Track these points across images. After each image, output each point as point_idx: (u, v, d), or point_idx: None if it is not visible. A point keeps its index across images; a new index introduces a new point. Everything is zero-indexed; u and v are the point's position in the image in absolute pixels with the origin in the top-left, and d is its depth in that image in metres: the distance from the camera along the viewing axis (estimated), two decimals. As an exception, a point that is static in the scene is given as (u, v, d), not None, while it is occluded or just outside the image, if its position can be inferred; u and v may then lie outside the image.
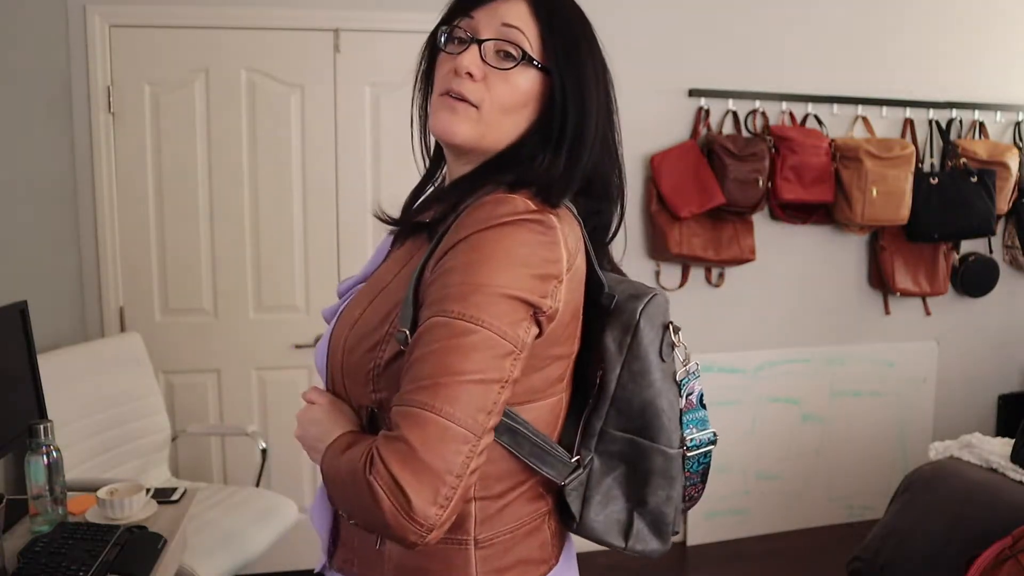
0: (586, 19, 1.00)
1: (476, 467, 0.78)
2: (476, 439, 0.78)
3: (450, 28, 0.97)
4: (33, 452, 1.62)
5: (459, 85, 0.93)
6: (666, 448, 0.96)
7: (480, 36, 0.92)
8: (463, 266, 0.81)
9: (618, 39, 2.94)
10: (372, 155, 2.79)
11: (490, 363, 0.79)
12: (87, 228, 2.64)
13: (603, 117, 0.96)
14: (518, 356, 0.82)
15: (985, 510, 2.19)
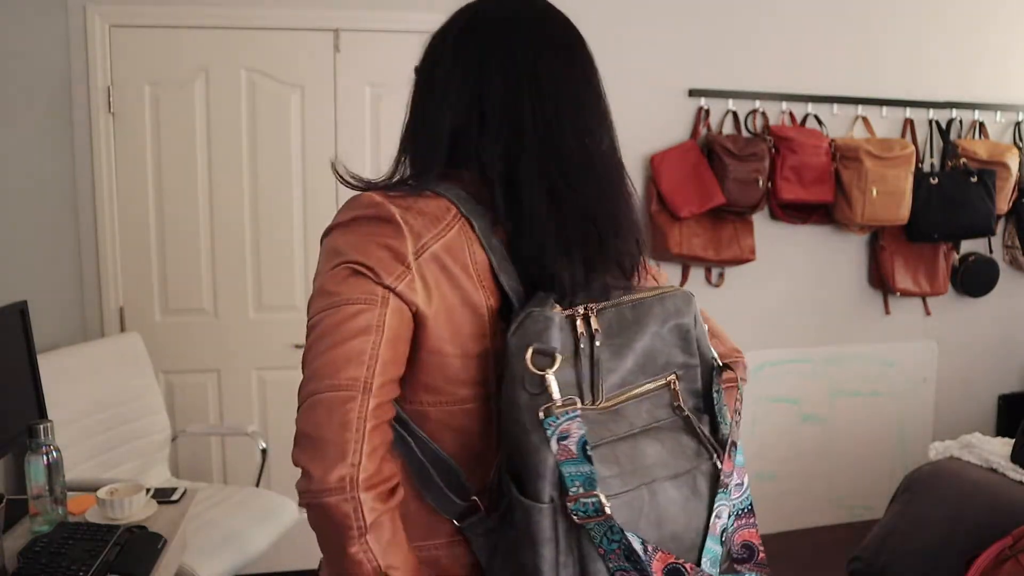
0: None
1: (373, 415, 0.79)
2: (358, 394, 0.78)
3: None
4: (33, 452, 1.62)
5: None
6: (524, 499, 0.77)
7: None
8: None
9: (618, 39, 2.96)
10: (372, 155, 2.79)
11: (338, 330, 0.81)
12: (87, 228, 2.64)
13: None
14: (366, 307, 0.82)
15: (985, 510, 2.19)
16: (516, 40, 0.91)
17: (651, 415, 0.86)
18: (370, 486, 0.78)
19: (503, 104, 0.88)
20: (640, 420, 0.85)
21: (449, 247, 0.85)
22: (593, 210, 0.88)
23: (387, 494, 0.81)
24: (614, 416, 0.83)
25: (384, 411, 0.81)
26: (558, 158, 0.87)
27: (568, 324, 0.82)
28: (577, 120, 0.91)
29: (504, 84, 0.88)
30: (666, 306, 0.91)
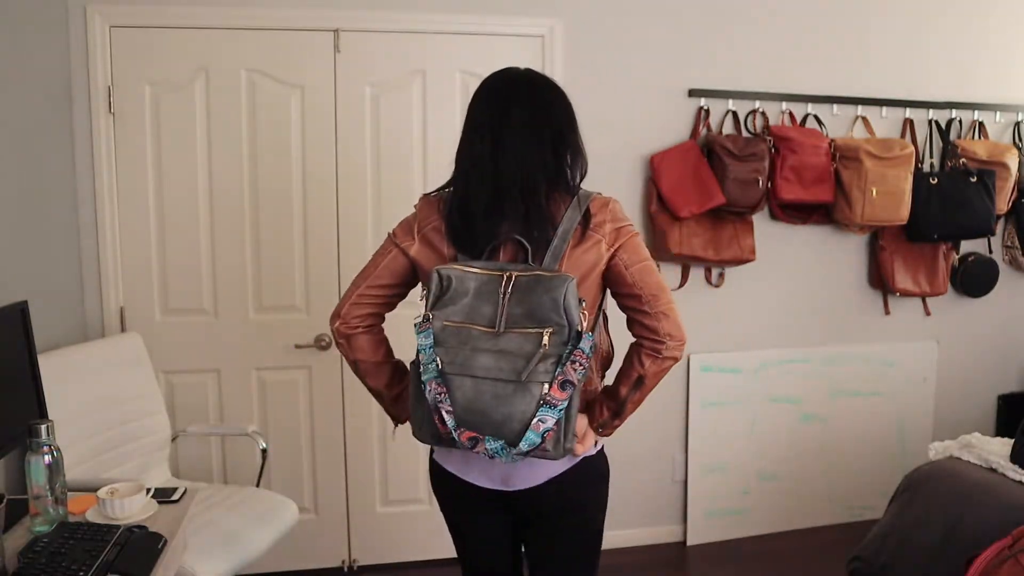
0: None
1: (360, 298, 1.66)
2: (355, 288, 1.65)
3: None
4: (33, 452, 1.62)
5: None
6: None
7: None
8: None
9: (618, 39, 2.96)
10: (372, 155, 2.79)
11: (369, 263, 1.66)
12: (87, 228, 2.64)
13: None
14: (380, 256, 1.65)
15: (985, 510, 2.19)
16: (486, 102, 1.56)
17: (520, 346, 1.37)
18: (342, 328, 1.64)
19: (464, 144, 1.57)
20: (510, 345, 1.38)
21: (435, 226, 1.54)
22: (509, 206, 1.47)
23: (348, 333, 1.65)
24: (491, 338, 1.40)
25: (373, 295, 1.65)
26: (489, 178, 1.48)
27: (493, 282, 1.43)
28: (510, 153, 1.48)
29: (469, 131, 1.57)
30: (550, 283, 1.39)
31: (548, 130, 1.49)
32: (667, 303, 1.50)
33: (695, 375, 3.14)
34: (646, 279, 1.52)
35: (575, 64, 2.88)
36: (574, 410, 1.37)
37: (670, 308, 1.49)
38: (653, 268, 1.55)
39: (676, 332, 1.48)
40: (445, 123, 2.82)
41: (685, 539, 3.22)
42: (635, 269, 1.52)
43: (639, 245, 1.55)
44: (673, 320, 1.49)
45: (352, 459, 2.92)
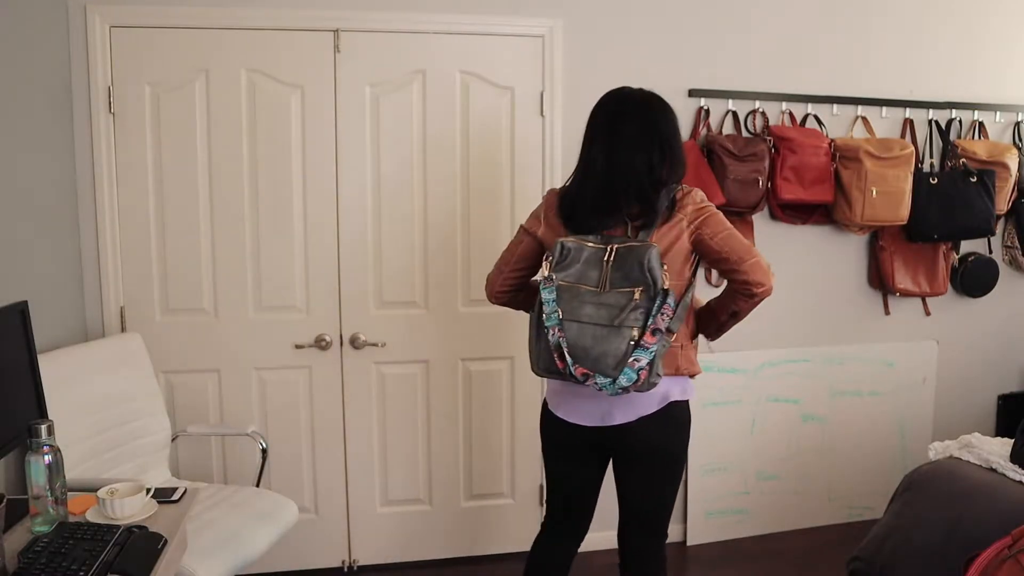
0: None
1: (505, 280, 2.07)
2: (500, 273, 2.07)
3: None
4: (33, 452, 1.62)
5: None
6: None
7: None
8: None
9: (618, 39, 2.96)
10: (372, 155, 2.79)
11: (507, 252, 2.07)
12: (87, 228, 2.64)
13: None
14: (515, 245, 2.05)
15: (985, 510, 2.19)
16: (598, 117, 1.93)
17: (617, 300, 1.76)
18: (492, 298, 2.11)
19: (582, 151, 1.94)
20: (609, 299, 1.76)
21: (556, 212, 1.95)
22: (614, 198, 1.85)
23: (499, 301, 2.12)
24: (595, 295, 1.78)
25: (514, 275, 2.06)
26: (601, 179, 1.87)
27: (599, 252, 1.82)
28: (622, 161, 1.85)
29: (586, 140, 1.94)
30: (638, 251, 1.77)
31: (654, 142, 1.85)
32: (753, 260, 1.86)
33: (695, 375, 3.13)
34: (731, 244, 1.86)
35: (575, 64, 2.88)
36: (661, 353, 1.76)
37: (756, 263, 1.86)
38: (735, 234, 1.88)
39: (764, 279, 1.88)
40: (445, 123, 2.82)
41: (685, 539, 3.22)
42: (719, 239, 1.86)
43: (719, 220, 1.87)
44: (762, 270, 1.87)
45: (352, 459, 2.92)
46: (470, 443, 3.01)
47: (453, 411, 2.97)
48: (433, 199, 2.85)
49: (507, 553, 3.05)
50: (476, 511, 3.04)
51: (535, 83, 2.86)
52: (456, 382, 2.96)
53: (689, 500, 3.20)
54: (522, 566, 2.16)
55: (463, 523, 3.04)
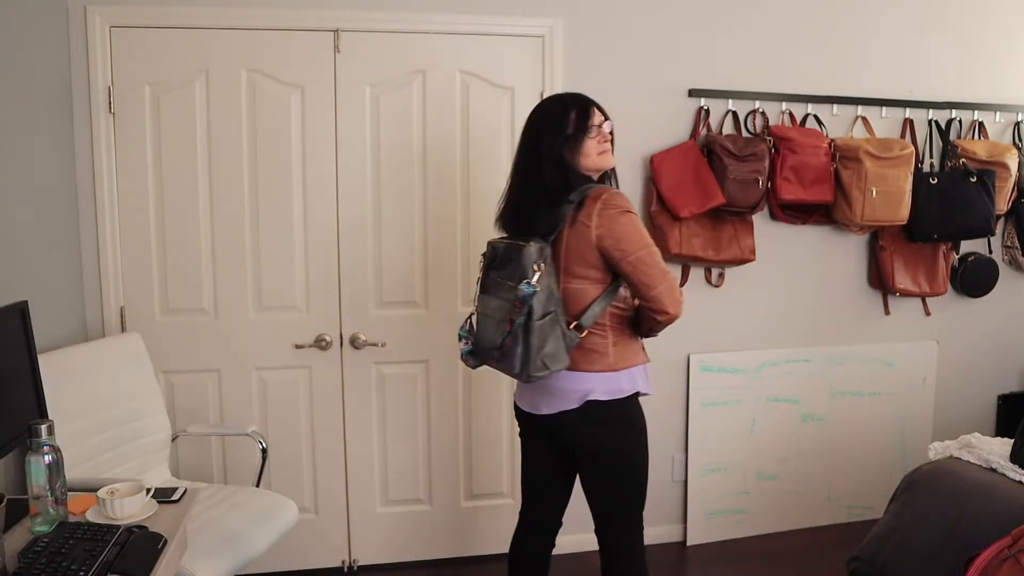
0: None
1: None
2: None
3: (587, 127, 1.97)
4: (33, 452, 1.62)
5: (606, 144, 2.01)
6: None
7: (601, 124, 1.99)
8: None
9: (618, 39, 2.96)
10: (372, 155, 2.79)
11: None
12: (87, 228, 2.64)
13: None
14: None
15: (985, 510, 2.19)
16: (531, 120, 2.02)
17: (505, 295, 1.87)
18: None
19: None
20: (502, 294, 1.89)
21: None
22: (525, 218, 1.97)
23: None
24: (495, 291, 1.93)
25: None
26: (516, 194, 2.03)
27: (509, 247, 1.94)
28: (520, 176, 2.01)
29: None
30: (517, 250, 1.87)
31: (539, 155, 1.94)
32: (661, 287, 1.87)
33: (695, 375, 3.14)
34: (640, 270, 1.88)
35: (575, 64, 2.88)
36: (531, 341, 1.83)
37: (662, 292, 1.87)
38: (647, 257, 1.88)
39: (670, 308, 1.89)
40: (445, 123, 2.82)
41: (685, 539, 3.22)
42: (627, 263, 1.89)
43: (627, 234, 1.88)
44: (671, 300, 1.89)
45: (352, 459, 2.92)
46: (470, 443, 3.01)
47: (453, 411, 2.97)
48: (433, 199, 2.85)
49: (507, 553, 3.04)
50: (476, 511, 3.04)
51: (535, 83, 2.86)
52: (456, 382, 2.96)
53: (689, 500, 3.20)
54: (522, 566, 2.21)
55: (463, 523, 3.04)
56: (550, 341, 1.84)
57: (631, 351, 2.01)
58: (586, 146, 1.95)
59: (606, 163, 2.00)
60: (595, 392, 1.94)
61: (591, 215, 1.88)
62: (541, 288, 1.83)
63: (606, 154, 1.99)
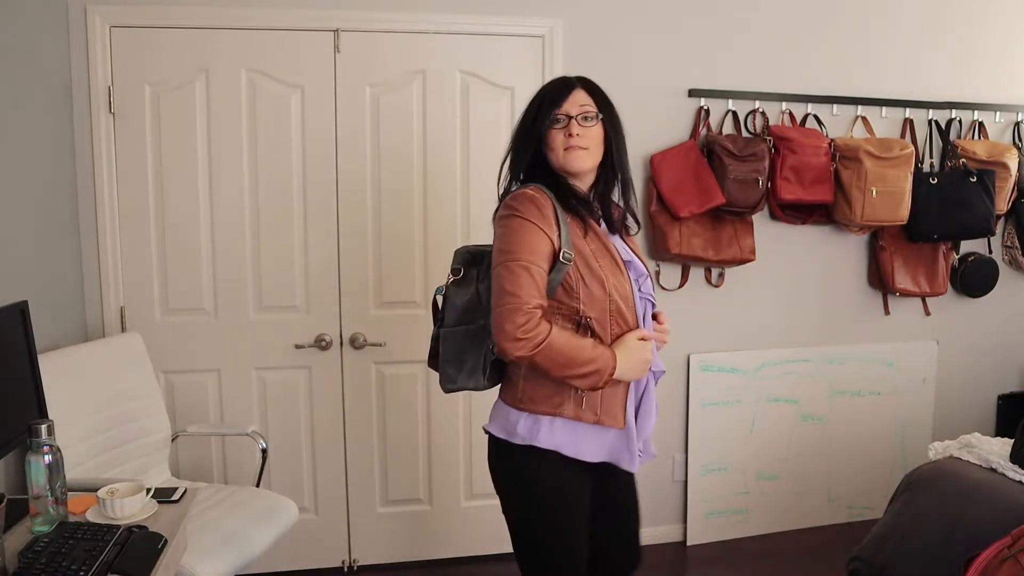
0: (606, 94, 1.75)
1: None
2: None
3: (551, 117, 1.67)
4: (33, 452, 1.62)
5: (575, 141, 1.65)
6: None
7: (572, 114, 1.66)
8: None
9: (618, 39, 2.96)
10: (372, 155, 2.79)
11: None
12: (87, 228, 2.64)
13: (624, 143, 1.75)
14: None
15: (985, 510, 2.19)
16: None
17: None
18: None
19: None
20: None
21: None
22: None
23: None
24: None
25: None
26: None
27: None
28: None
29: None
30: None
31: (512, 143, 1.75)
32: (498, 308, 1.56)
33: (695, 375, 3.14)
34: (494, 278, 1.60)
35: (575, 64, 2.88)
36: (447, 351, 1.68)
37: (497, 314, 1.55)
38: (503, 267, 1.57)
39: (498, 337, 1.55)
40: (445, 123, 2.82)
41: (685, 539, 3.22)
42: (493, 269, 1.62)
43: (503, 234, 1.62)
44: (496, 326, 1.56)
45: (352, 459, 2.92)
46: (470, 443, 3.00)
47: (453, 411, 2.97)
48: (433, 199, 2.85)
49: (507, 553, 3.03)
50: (476, 511, 3.04)
51: (535, 83, 2.84)
52: (456, 382, 2.96)
53: (689, 500, 3.20)
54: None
55: (463, 523, 3.04)
56: (470, 355, 1.65)
57: (548, 393, 1.63)
58: (550, 138, 1.67)
59: (571, 164, 1.65)
60: (492, 422, 1.72)
61: (496, 216, 1.68)
62: (458, 295, 1.68)
63: (572, 152, 1.64)
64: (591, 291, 1.61)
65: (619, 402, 1.66)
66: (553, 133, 1.66)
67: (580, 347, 1.57)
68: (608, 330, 1.63)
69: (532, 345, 1.52)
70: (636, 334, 1.64)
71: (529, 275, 1.54)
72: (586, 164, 1.67)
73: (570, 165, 1.66)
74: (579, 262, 1.60)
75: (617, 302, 1.63)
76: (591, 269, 1.61)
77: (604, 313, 1.62)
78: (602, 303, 1.62)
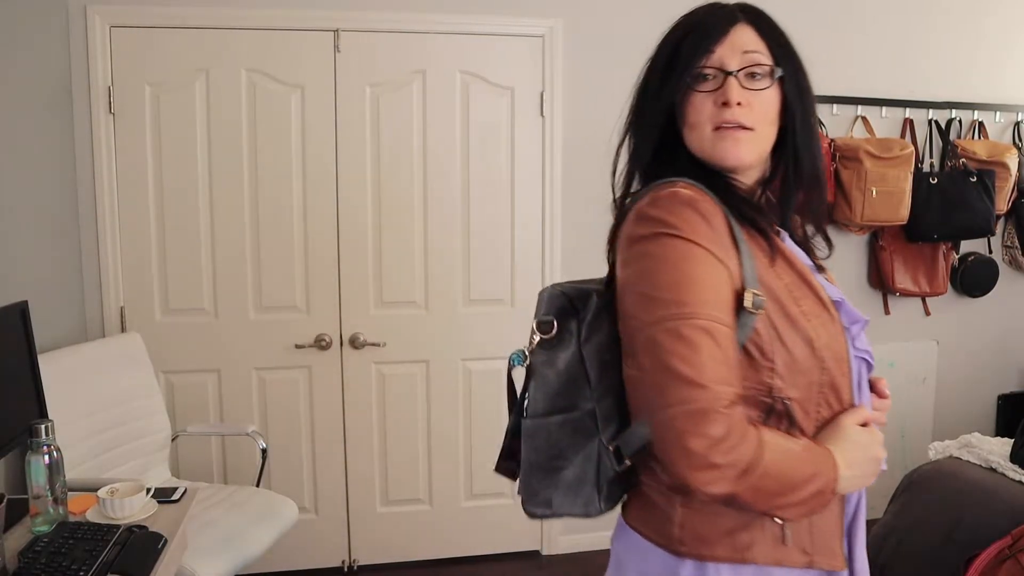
0: (785, 34, 1.09)
1: None
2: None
3: (692, 70, 1.04)
4: (33, 452, 1.62)
5: (732, 115, 0.99)
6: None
7: (729, 67, 1.01)
8: None
9: (618, 39, 2.96)
10: (372, 155, 2.79)
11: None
12: (87, 228, 2.64)
13: (814, 115, 1.08)
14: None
15: (984, 510, 2.19)
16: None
17: None
18: None
19: None
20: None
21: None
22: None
23: None
24: None
25: None
26: None
27: None
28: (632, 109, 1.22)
29: None
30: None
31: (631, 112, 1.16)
32: (669, 411, 0.88)
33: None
34: (634, 345, 0.94)
35: (575, 64, 2.88)
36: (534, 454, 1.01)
37: (667, 421, 0.88)
38: (663, 339, 0.89)
39: (683, 462, 0.88)
40: (445, 123, 2.82)
41: (685, 539, 3.22)
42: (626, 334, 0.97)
43: (642, 268, 0.94)
44: (679, 448, 0.88)
45: (352, 459, 2.92)
46: (470, 443, 3.00)
47: (453, 411, 2.97)
48: (433, 199, 2.85)
49: (507, 553, 3.04)
50: (476, 511, 3.04)
51: (535, 83, 2.86)
52: (456, 382, 2.96)
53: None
54: (522, 566, 2.14)
55: (463, 523, 3.04)
56: (572, 461, 1.00)
57: (727, 527, 0.99)
58: (689, 106, 1.03)
59: (724, 154, 1.00)
60: (623, 568, 1.09)
61: (621, 234, 1.01)
62: (550, 365, 1.01)
63: (727, 134, 0.99)
64: (792, 355, 0.95)
65: (835, 529, 1.02)
66: (694, 99, 1.02)
67: (796, 457, 0.93)
68: (813, 416, 0.99)
69: (737, 473, 0.87)
70: (855, 418, 1.00)
71: (714, 343, 0.88)
72: (751, 155, 1.01)
73: (723, 156, 1.00)
74: (771, 309, 0.95)
75: (831, 370, 0.98)
76: (790, 319, 0.96)
77: (810, 389, 0.97)
78: (808, 374, 0.97)
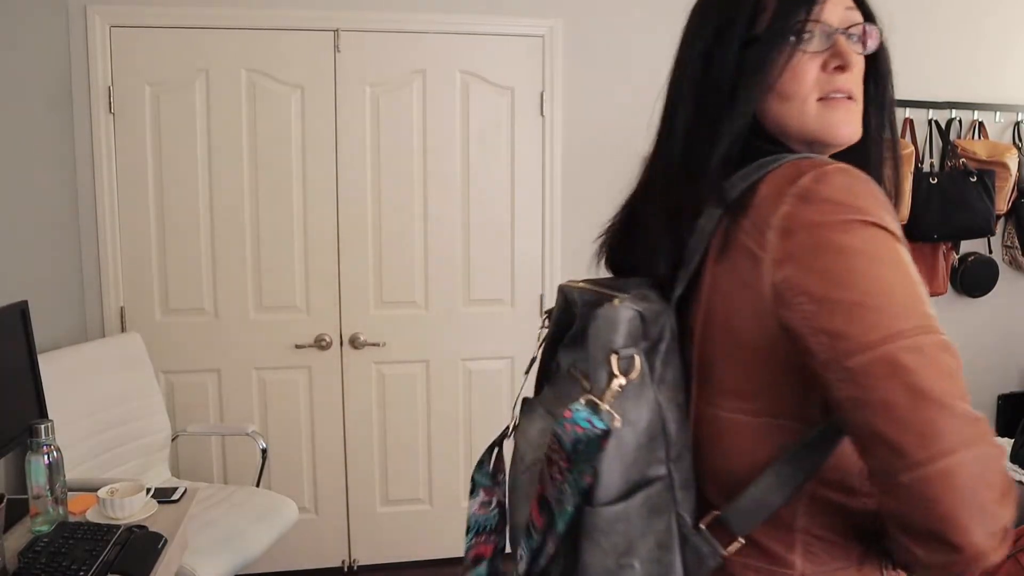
0: None
1: None
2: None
3: (795, 25, 0.80)
4: (33, 452, 1.62)
5: (846, 82, 0.84)
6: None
7: (834, 25, 0.82)
8: None
9: (618, 39, 2.95)
10: (372, 155, 2.79)
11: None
12: (87, 228, 2.64)
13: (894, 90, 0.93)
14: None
15: (985, 510, 2.19)
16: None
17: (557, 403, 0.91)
18: None
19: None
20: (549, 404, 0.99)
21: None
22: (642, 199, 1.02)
23: None
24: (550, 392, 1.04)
25: None
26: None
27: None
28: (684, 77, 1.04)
29: None
30: (596, 314, 0.81)
31: (684, 80, 1.00)
32: (936, 467, 0.63)
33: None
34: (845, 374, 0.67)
35: (575, 64, 2.88)
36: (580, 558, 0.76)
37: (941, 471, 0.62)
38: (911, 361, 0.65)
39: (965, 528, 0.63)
40: (445, 123, 2.82)
41: (685, 539, 3.22)
42: (828, 343, 0.68)
43: (853, 270, 0.68)
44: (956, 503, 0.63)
45: (352, 459, 2.92)
46: (470, 443, 3.00)
47: (453, 411, 2.97)
48: (433, 199, 2.85)
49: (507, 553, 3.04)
50: (476, 511, 3.04)
51: (535, 83, 2.86)
52: (456, 382, 2.96)
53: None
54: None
55: (463, 523, 3.03)
56: (640, 555, 0.74)
57: None
58: (793, 69, 0.80)
59: (838, 130, 0.82)
60: None
61: (767, 223, 0.72)
62: (631, 421, 0.73)
63: (838, 106, 0.83)
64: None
65: None
66: (798, 62, 0.81)
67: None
68: None
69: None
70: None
71: (958, 364, 0.67)
72: (860, 131, 0.86)
73: (836, 132, 0.82)
74: None
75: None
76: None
77: None
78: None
